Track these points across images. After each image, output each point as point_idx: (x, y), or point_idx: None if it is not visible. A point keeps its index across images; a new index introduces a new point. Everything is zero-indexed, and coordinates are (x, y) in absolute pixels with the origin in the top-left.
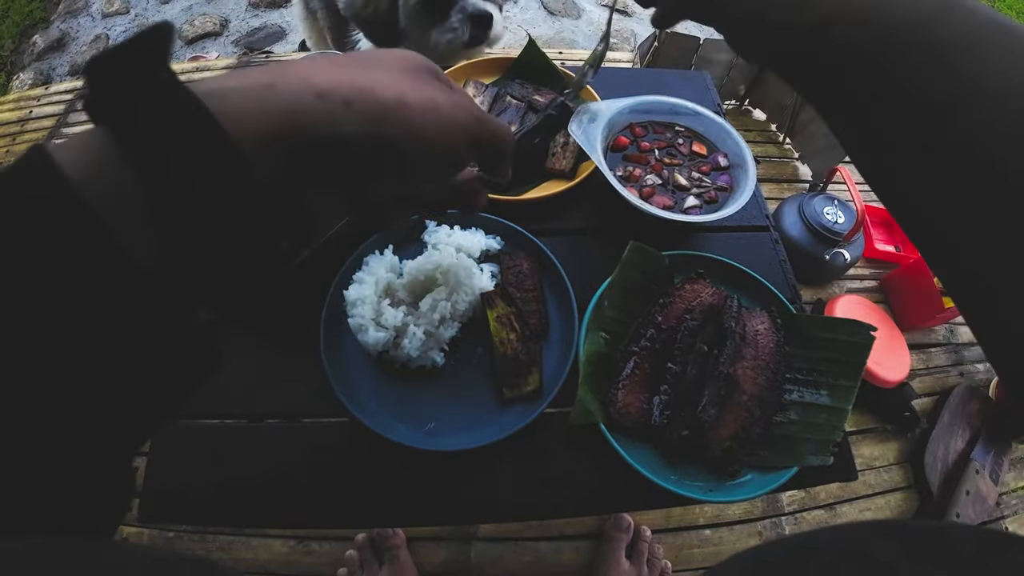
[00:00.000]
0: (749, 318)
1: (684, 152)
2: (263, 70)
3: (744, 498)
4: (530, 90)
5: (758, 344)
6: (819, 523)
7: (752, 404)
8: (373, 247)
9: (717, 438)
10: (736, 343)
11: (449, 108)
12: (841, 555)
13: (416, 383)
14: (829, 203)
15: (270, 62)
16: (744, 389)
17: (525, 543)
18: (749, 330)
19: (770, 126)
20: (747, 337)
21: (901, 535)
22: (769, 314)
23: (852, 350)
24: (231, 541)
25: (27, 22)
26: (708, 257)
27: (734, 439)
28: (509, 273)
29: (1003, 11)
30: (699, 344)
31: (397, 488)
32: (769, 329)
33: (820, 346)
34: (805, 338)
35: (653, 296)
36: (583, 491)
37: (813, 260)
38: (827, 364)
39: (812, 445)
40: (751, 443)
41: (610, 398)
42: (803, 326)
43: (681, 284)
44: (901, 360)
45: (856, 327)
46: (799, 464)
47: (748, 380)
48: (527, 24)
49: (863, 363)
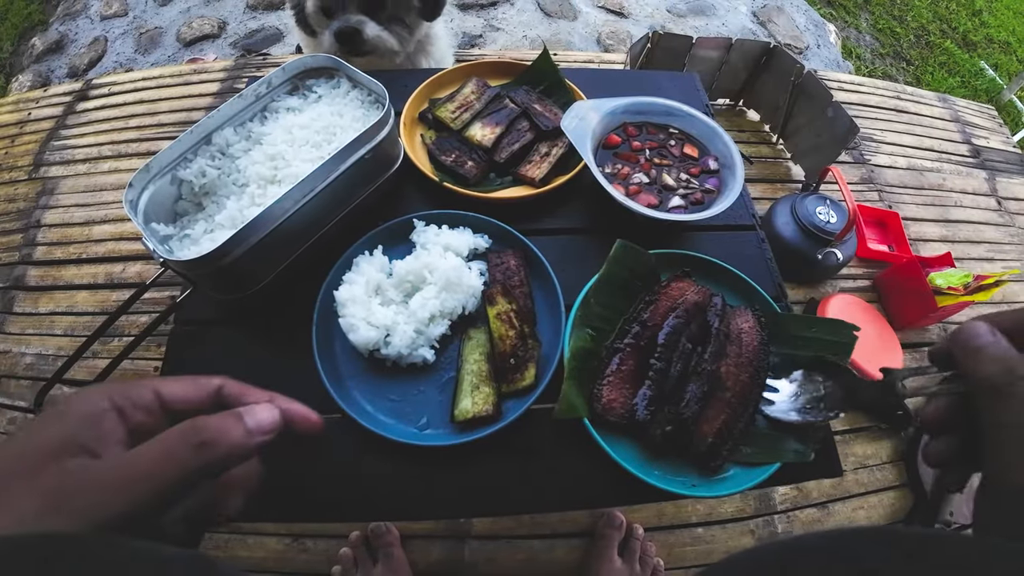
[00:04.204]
0: (733, 316)
1: (675, 154)
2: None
3: (728, 493)
4: (533, 98)
5: (742, 342)
6: (811, 521)
7: (735, 401)
8: (363, 248)
9: (701, 434)
10: (720, 341)
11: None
12: (832, 559)
13: (407, 380)
14: (821, 203)
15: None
16: (727, 386)
17: (518, 541)
18: (733, 328)
19: (763, 127)
20: (731, 335)
21: (892, 541)
22: (753, 312)
23: (835, 348)
24: (227, 539)
25: (26, 24)
26: (694, 256)
27: (717, 435)
28: (496, 271)
29: (1001, 12)
30: (684, 342)
31: (389, 483)
32: (753, 327)
33: (803, 345)
34: (788, 337)
35: (639, 294)
36: (569, 486)
37: (806, 260)
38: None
39: (794, 441)
40: (734, 439)
41: (595, 394)
42: (786, 325)
43: (667, 282)
44: (893, 359)
45: (839, 326)
46: (781, 460)
47: (731, 377)
48: (523, 26)
49: (846, 360)
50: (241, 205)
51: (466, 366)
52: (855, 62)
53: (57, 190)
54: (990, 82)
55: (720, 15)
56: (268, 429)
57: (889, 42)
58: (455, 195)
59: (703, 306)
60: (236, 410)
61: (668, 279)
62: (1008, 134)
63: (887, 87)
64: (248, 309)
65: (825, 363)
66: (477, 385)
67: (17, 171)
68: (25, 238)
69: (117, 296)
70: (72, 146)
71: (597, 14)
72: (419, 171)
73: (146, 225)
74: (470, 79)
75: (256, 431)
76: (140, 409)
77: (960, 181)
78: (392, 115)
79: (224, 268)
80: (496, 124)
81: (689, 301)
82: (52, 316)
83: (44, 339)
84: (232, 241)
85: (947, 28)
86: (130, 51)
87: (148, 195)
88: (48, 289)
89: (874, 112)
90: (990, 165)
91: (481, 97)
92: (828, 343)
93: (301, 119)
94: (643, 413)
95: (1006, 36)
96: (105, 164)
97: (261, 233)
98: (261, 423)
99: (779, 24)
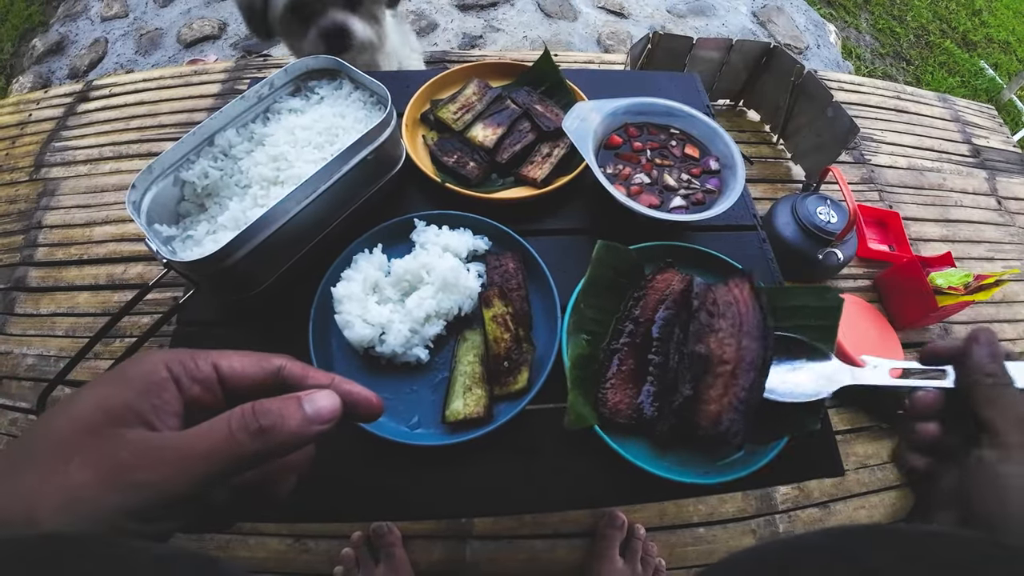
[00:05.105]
0: (719, 290)
1: (676, 154)
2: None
3: (740, 475)
4: (534, 99)
5: (736, 312)
6: (813, 521)
7: (739, 370)
8: (363, 245)
9: (710, 415)
10: (702, 320)
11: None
12: (833, 558)
13: (401, 378)
14: (822, 203)
15: (267, 65)
16: (725, 359)
17: (520, 541)
18: (724, 299)
19: (763, 127)
20: (718, 309)
21: (893, 540)
22: (743, 277)
23: (823, 314)
24: (229, 540)
25: (26, 25)
26: (676, 245)
27: (732, 409)
28: (494, 273)
29: (1001, 11)
30: (677, 332)
31: (388, 483)
32: (746, 293)
33: (790, 315)
34: (774, 309)
35: (627, 291)
36: (572, 485)
37: (806, 260)
38: (801, 331)
39: (797, 413)
40: (751, 408)
41: (600, 398)
42: (771, 298)
43: (652, 275)
44: (894, 359)
45: (822, 292)
46: (787, 433)
47: (728, 348)
48: (524, 27)
49: (836, 325)
50: (244, 206)
51: (460, 367)
52: (855, 62)
53: (58, 191)
54: (990, 82)
55: (720, 15)
56: (328, 418)
57: (889, 42)
58: (457, 196)
59: (689, 292)
60: (297, 395)
61: (652, 272)
62: (1008, 134)
63: (887, 87)
64: (250, 310)
65: (811, 348)
66: (470, 387)
67: (18, 172)
68: (26, 239)
69: (118, 297)
70: (73, 147)
71: (597, 15)
72: (421, 172)
73: (149, 226)
74: (471, 80)
75: (316, 420)
76: (198, 382)
77: (960, 181)
78: (394, 116)
79: (227, 269)
80: (498, 125)
81: (676, 291)
82: (53, 317)
83: (45, 340)
84: (235, 242)
85: (947, 28)
86: (131, 52)
87: (151, 196)
88: (49, 290)
89: (874, 112)
90: (990, 165)
91: (483, 98)
92: (816, 309)
93: (303, 120)
94: (650, 410)
95: (1006, 36)
96: (106, 165)
97: (264, 234)
98: (321, 411)
99: (779, 24)
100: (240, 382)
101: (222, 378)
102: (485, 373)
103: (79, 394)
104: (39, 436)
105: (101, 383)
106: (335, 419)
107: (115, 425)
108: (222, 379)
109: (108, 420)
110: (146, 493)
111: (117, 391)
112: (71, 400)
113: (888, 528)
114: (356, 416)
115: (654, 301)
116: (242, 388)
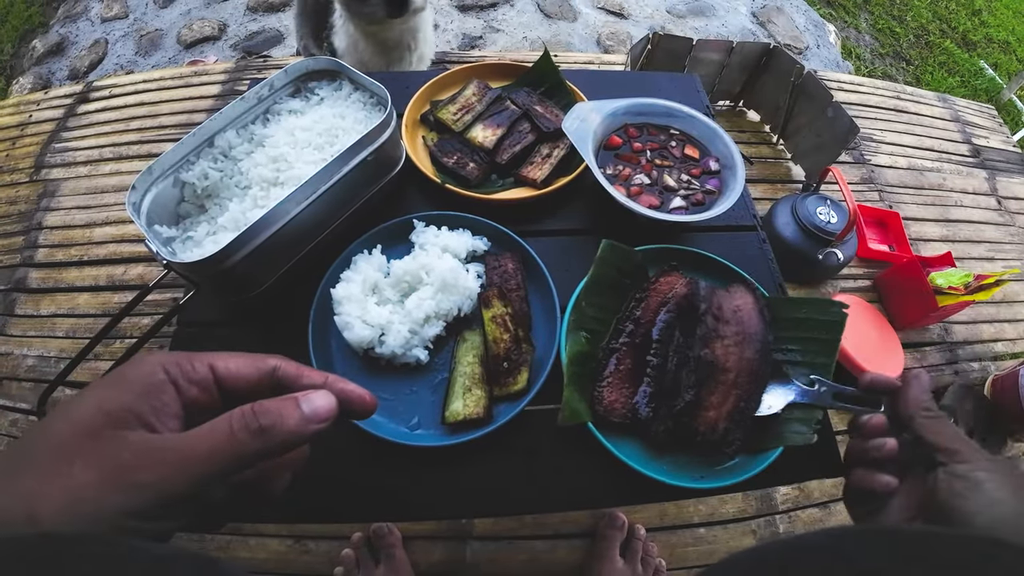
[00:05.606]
0: (727, 296)
1: (676, 155)
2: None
3: (736, 481)
4: (534, 99)
5: (741, 320)
6: (813, 521)
7: (741, 379)
8: (362, 246)
9: (709, 421)
10: (709, 324)
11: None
12: (833, 558)
13: (400, 379)
14: (822, 203)
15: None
16: (728, 367)
17: (520, 542)
18: (728, 308)
19: (763, 127)
20: (723, 315)
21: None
22: (746, 286)
23: (826, 328)
24: (229, 540)
25: (26, 26)
26: (681, 249)
27: (729, 418)
28: (494, 273)
29: (1001, 11)
30: (678, 335)
31: (388, 483)
32: (750, 303)
33: (793, 326)
34: (777, 320)
35: (629, 292)
36: (572, 486)
37: (806, 260)
38: (802, 343)
39: (795, 424)
40: (747, 419)
41: (596, 396)
42: (776, 308)
43: (656, 277)
44: (895, 359)
45: (827, 305)
46: (784, 444)
47: (732, 356)
48: (523, 27)
49: (838, 340)
50: (244, 207)
51: (459, 368)
52: (855, 62)
53: (58, 192)
54: (990, 82)
55: (720, 16)
56: (324, 417)
57: (889, 42)
58: (456, 197)
59: (692, 296)
60: (295, 396)
61: (656, 274)
62: (1008, 133)
63: (887, 87)
64: (250, 311)
65: None
66: (469, 387)
67: (18, 173)
68: (26, 240)
69: (119, 298)
70: (73, 148)
71: (597, 15)
72: (421, 173)
73: (149, 227)
74: (471, 81)
75: (313, 419)
76: (195, 384)
77: (960, 181)
78: (394, 117)
79: (227, 270)
80: (497, 126)
81: (679, 294)
82: (54, 318)
83: (46, 341)
84: (235, 243)
85: (947, 28)
86: (131, 53)
87: (151, 197)
88: (49, 291)
89: (874, 112)
90: (990, 165)
91: (482, 99)
92: (819, 323)
93: (303, 121)
94: (645, 411)
95: (1006, 36)
96: (106, 166)
97: (264, 235)
98: (317, 411)
99: (779, 24)
100: (236, 383)
101: (218, 379)
102: (485, 374)
103: (79, 397)
104: (40, 439)
105: (101, 386)
106: (331, 418)
107: (116, 427)
108: (218, 380)
109: (109, 422)
110: (148, 493)
111: (117, 394)
112: (71, 403)
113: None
114: (351, 414)
115: (656, 303)
116: (238, 389)
